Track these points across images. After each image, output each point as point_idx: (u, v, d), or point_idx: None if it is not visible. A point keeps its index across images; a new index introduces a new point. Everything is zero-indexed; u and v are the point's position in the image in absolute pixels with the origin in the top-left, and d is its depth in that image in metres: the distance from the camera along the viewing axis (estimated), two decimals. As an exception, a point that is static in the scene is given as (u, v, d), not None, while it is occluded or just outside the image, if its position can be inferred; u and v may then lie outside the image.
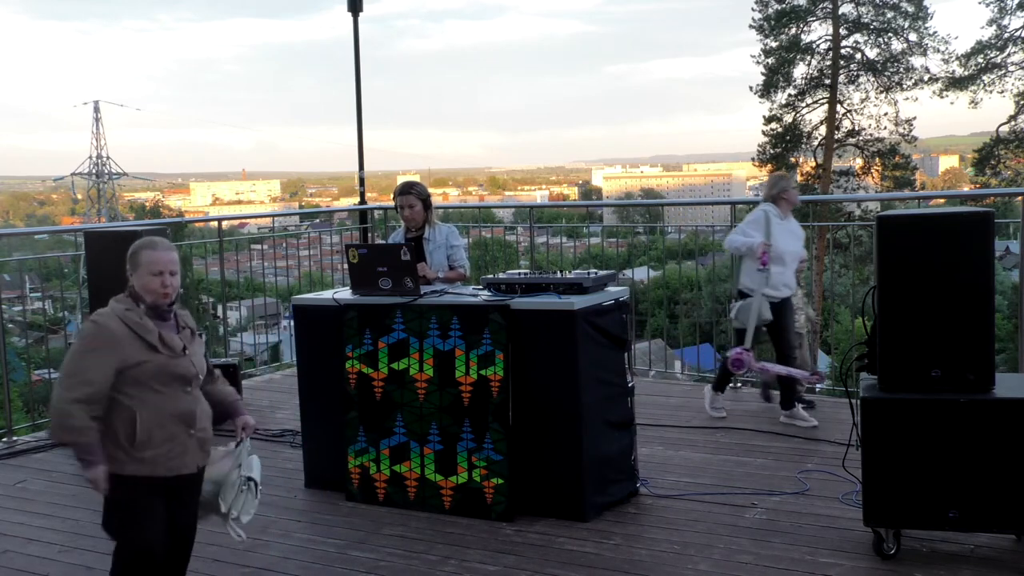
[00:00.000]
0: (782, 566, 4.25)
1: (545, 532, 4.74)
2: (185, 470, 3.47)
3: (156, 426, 3.37)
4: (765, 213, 6.52)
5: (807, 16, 31.24)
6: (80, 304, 8.78)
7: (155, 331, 3.38)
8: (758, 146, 31.98)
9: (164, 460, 3.40)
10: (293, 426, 6.39)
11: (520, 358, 4.94)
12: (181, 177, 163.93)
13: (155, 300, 3.42)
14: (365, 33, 10.95)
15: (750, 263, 6.47)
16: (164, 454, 3.40)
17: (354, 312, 5.30)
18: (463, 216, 14.30)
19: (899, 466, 4.11)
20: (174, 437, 3.42)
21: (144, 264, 3.43)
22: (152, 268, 3.42)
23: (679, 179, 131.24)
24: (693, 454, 5.93)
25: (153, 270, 3.42)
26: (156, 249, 3.47)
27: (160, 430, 3.38)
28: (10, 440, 6.81)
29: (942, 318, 4.07)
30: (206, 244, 9.39)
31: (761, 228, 6.46)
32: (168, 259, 3.45)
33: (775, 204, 6.60)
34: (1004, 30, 29.57)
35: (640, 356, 9.69)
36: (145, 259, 3.44)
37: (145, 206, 75.27)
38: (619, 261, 17.84)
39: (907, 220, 4.22)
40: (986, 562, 4.19)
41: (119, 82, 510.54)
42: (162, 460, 3.40)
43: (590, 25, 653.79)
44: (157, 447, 3.38)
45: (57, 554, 4.76)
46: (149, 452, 3.37)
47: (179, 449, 3.43)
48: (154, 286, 3.42)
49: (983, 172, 30.15)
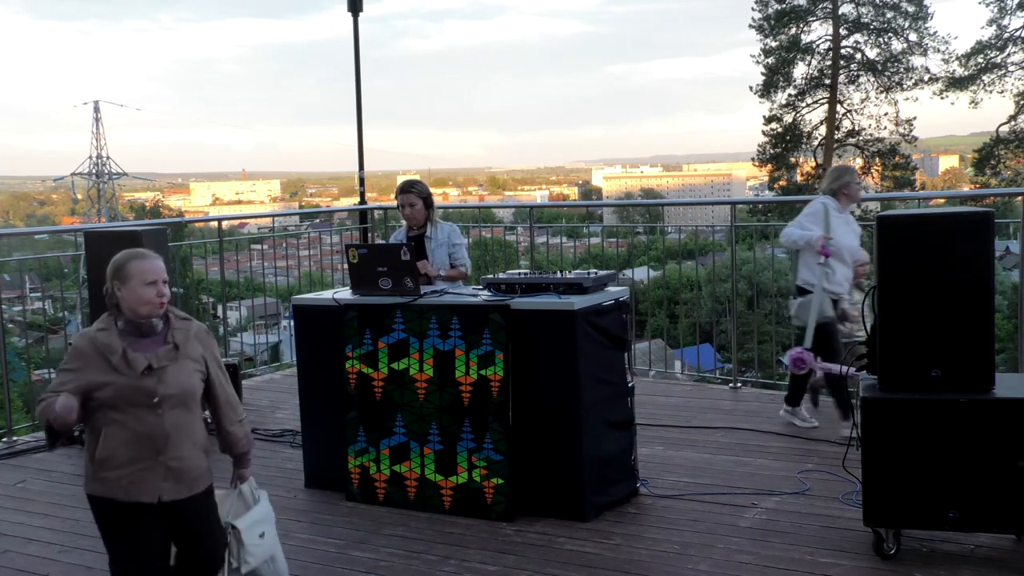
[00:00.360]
0: (782, 566, 4.25)
1: (545, 532, 4.74)
2: (144, 498, 3.27)
3: (120, 445, 3.24)
4: (824, 206, 6.16)
5: (807, 16, 31.30)
6: (80, 304, 8.77)
7: (119, 351, 3.23)
8: (758, 146, 32.06)
9: (123, 484, 3.25)
10: (293, 426, 6.39)
11: (520, 358, 4.93)
12: (181, 177, 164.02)
13: (150, 311, 3.29)
14: (365, 33, 10.96)
15: (809, 258, 6.13)
16: (123, 477, 3.24)
17: (354, 312, 5.30)
18: (463, 216, 14.31)
19: (899, 466, 4.11)
20: (136, 461, 3.25)
21: (136, 275, 3.28)
22: (146, 277, 3.28)
23: (679, 179, 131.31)
24: (693, 454, 5.93)
25: (147, 279, 3.28)
26: (146, 259, 3.33)
27: (122, 452, 3.24)
28: (10, 440, 6.81)
29: (942, 318, 4.07)
30: (206, 244, 9.39)
31: (820, 221, 6.08)
32: (160, 267, 3.34)
33: (835, 198, 6.23)
34: (1004, 30, 29.64)
35: (640, 356, 9.69)
36: (136, 269, 3.29)
37: (145, 206, 75.27)
38: (619, 261, 17.82)
39: (907, 220, 4.22)
40: (986, 562, 4.19)
41: (119, 82, 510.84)
42: (120, 483, 3.25)
43: (590, 25, 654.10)
44: (116, 469, 3.24)
45: (57, 554, 4.76)
46: (110, 473, 3.25)
47: (140, 475, 3.25)
48: (149, 296, 3.28)
49: (983, 172, 30.19)
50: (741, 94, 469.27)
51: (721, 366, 11.62)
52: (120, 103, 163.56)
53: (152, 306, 3.29)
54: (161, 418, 3.26)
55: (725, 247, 9.90)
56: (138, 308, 3.28)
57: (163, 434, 3.26)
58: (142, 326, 3.30)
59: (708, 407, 7.10)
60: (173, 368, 3.30)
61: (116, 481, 3.25)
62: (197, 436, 3.39)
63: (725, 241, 9.64)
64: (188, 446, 3.34)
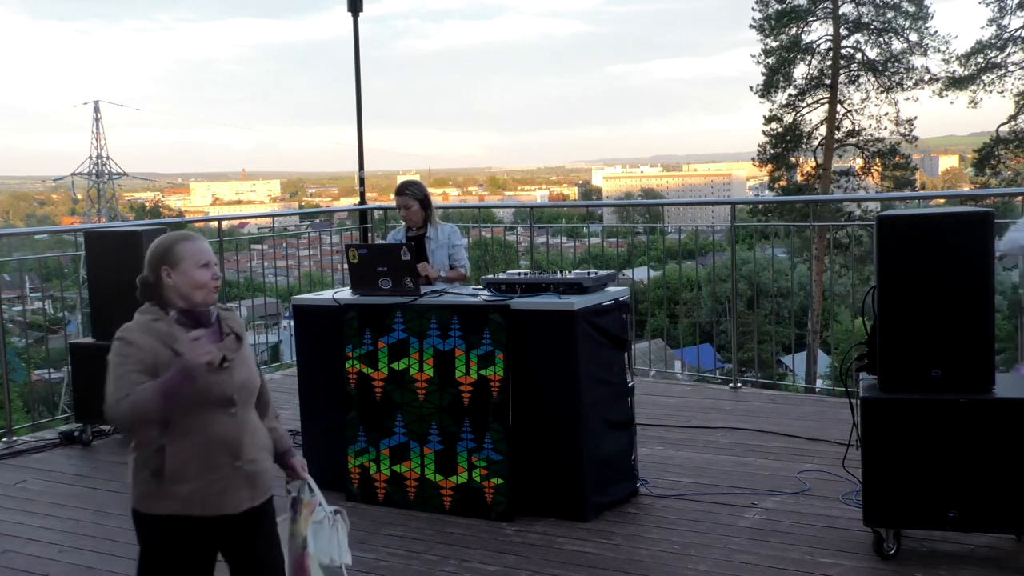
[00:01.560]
0: (782, 566, 4.25)
1: (545, 532, 4.74)
2: (228, 509, 2.89)
3: (191, 456, 2.84)
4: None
5: (807, 16, 31.25)
6: (80, 304, 8.77)
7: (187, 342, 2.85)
8: (758, 146, 32.02)
9: (201, 497, 2.85)
10: (293, 426, 6.37)
11: (520, 358, 4.93)
12: (181, 177, 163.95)
13: (205, 297, 2.93)
14: (365, 33, 10.96)
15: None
16: (201, 489, 2.84)
17: (354, 312, 5.30)
18: (463, 216, 14.30)
19: (899, 466, 4.11)
20: (214, 469, 2.86)
21: (188, 257, 2.90)
22: (199, 259, 2.92)
23: (679, 179, 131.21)
24: (693, 454, 5.93)
25: (200, 261, 2.92)
26: (195, 240, 2.97)
27: (196, 461, 2.84)
28: (10, 440, 6.81)
29: (942, 318, 4.06)
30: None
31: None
32: (210, 249, 3.00)
33: None
34: (1004, 30, 29.59)
35: (640, 356, 9.69)
36: (187, 251, 2.92)
37: (145, 206, 75.35)
38: (619, 261, 17.83)
39: (907, 220, 4.22)
40: (986, 562, 4.19)
41: (119, 82, 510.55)
42: (199, 497, 2.84)
43: (590, 25, 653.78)
44: (192, 481, 2.83)
45: (57, 554, 4.76)
46: (182, 487, 2.83)
47: (221, 484, 2.87)
48: (204, 279, 2.91)
49: (983, 172, 30.15)
50: (741, 94, 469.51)
51: (721, 366, 11.62)
52: (120, 103, 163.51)
53: (208, 291, 2.93)
54: (235, 418, 2.92)
55: (725, 247, 9.90)
56: (193, 294, 2.91)
57: (238, 436, 2.91)
58: (200, 315, 2.94)
59: (708, 407, 7.10)
60: (239, 361, 2.95)
61: (191, 495, 2.84)
62: (262, 436, 3.06)
63: (725, 241, 9.64)
64: (257, 448, 3.00)
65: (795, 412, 6.84)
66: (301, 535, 3.16)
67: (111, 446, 6.69)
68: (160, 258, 2.93)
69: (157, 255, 2.94)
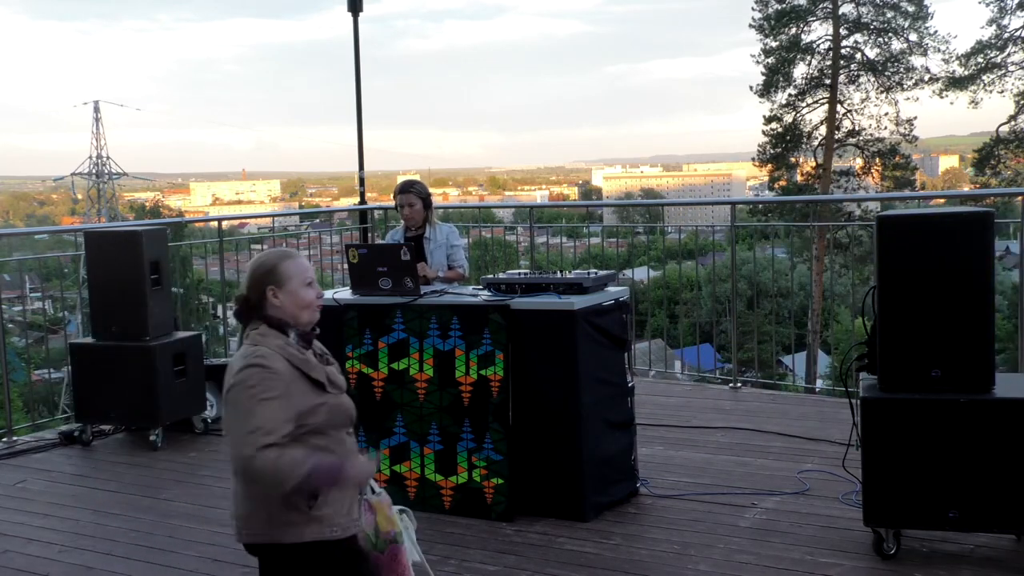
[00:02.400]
0: (782, 566, 4.25)
1: (545, 532, 4.74)
2: (355, 528, 2.83)
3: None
4: None
5: (807, 16, 31.26)
6: (80, 304, 8.77)
7: (320, 367, 2.80)
8: (758, 146, 32.02)
9: (337, 518, 2.75)
10: (293, 426, 6.38)
11: (520, 358, 4.93)
12: (181, 177, 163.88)
13: (311, 317, 2.83)
14: (365, 33, 10.94)
15: None
16: (339, 511, 2.76)
17: (354, 312, 5.30)
18: (463, 216, 14.30)
19: (899, 466, 4.11)
20: (346, 489, 2.78)
21: (295, 276, 2.80)
22: (305, 278, 2.82)
23: (679, 179, 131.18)
24: (693, 454, 5.93)
25: (306, 279, 2.83)
26: (297, 258, 2.88)
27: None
28: (10, 440, 6.80)
29: (942, 318, 4.06)
30: (206, 244, 9.37)
31: None
32: (310, 266, 2.91)
33: None
34: (1004, 30, 29.59)
35: (640, 356, 9.69)
36: (294, 270, 2.81)
37: (145, 206, 75.18)
38: (619, 261, 17.82)
39: (907, 220, 4.22)
40: (986, 562, 4.19)
41: (119, 82, 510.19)
42: (337, 518, 2.75)
43: (590, 25, 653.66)
44: (333, 502, 2.74)
45: (57, 554, 4.76)
46: (326, 510, 2.72)
47: (348, 503, 2.80)
48: (311, 299, 2.82)
49: (983, 172, 30.16)
50: (741, 94, 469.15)
51: (721, 366, 11.62)
52: (120, 103, 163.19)
53: (312, 310, 2.84)
54: (352, 437, 2.91)
55: (725, 247, 9.89)
56: (300, 314, 2.81)
57: (355, 455, 2.85)
58: (308, 336, 2.84)
59: (708, 407, 7.10)
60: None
61: (332, 518, 2.75)
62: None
63: (725, 241, 9.64)
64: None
65: (795, 412, 6.84)
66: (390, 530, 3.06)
67: (111, 446, 6.70)
68: (264, 278, 2.81)
69: (261, 274, 2.82)
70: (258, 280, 2.81)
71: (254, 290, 2.81)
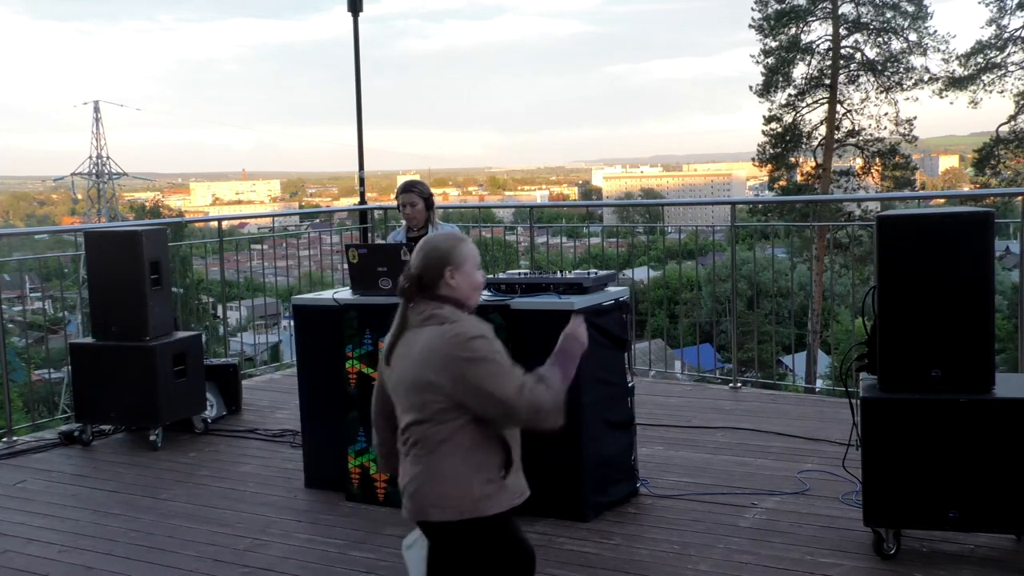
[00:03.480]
0: (782, 566, 4.24)
1: (545, 532, 4.74)
2: (528, 491, 2.90)
3: (517, 443, 2.89)
4: None
5: (807, 16, 31.26)
6: (80, 304, 8.78)
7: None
8: (758, 146, 32.03)
9: (520, 486, 2.86)
10: (293, 426, 6.39)
11: (520, 358, 4.90)
12: (181, 177, 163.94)
13: (478, 300, 2.95)
14: (365, 33, 10.94)
15: None
16: (518, 479, 2.86)
17: (354, 312, 5.30)
18: (463, 216, 14.31)
19: (899, 466, 4.11)
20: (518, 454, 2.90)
21: (471, 259, 2.90)
22: (477, 260, 2.94)
23: (679, 179, 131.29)
24: (693, 454, 5.93)
25: (479, 263, 2.94)
26: (470, 242, 2.97)
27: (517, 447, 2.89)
28: (10, 440, 6.80)
29: (942, 318, 4.06)
30: (206, 244, 9.38)
31: None
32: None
33: None
34: (1004, 30, 29.60)
35: (640, 356, 9.69)
36: (469, 252, 2.91)
37: (145, 206, 75.14)
38: (619, 261, 17.83)
39: (907, 220, 4.22)
40: (986, 562, 4.19)
41: (119, 82, 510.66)
42: (519, 486, 2.86)
43: (590, 25, 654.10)
44: (515, 472, 2.84)
45: (57, 554, 4.76)
46: (512, 478, 2.83)
47: (520, 469, 2.90)
48: (481, 281, 2.94)
49: (983, 172, 30.17)
50: (741, 94, 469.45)
51: (721, 366, 11.62)
52: (120, 103, 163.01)
53: (480, 293, 2.96)
54: None
55: (725, 247, 9.90)
56: (472, 296, 2.91)
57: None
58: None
59: (708, 407, 7.10)
60: None
61: (515, 485, 2.84)
62: None
63: (725, 241, 9.64)
64: None
65: (795, 412, 6.84)
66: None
67: (111, 446, 6.70)
68: (443, 259, 2.87)
69: (440, 255, 2.89)
70: (436, 261, 2.87)
71: (432, 270, 2.87)
